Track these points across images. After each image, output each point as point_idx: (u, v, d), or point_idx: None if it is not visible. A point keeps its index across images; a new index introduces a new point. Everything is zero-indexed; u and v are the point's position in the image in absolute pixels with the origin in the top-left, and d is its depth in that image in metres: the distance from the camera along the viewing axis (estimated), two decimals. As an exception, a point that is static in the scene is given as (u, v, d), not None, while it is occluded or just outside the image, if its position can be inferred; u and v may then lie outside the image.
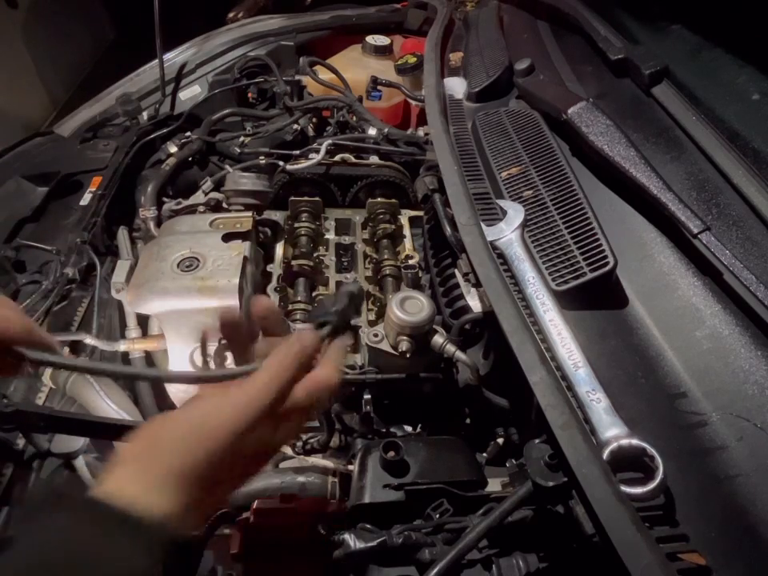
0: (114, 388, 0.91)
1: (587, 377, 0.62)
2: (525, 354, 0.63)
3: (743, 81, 0.85)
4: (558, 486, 0.60)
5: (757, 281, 0.63)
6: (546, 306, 0.70)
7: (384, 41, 1.76)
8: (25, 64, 3.31)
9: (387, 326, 0.86)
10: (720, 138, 0.78)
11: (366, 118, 1.38)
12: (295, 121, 1.44)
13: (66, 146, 1.38)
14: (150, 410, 0.94)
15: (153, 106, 1.52)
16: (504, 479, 0.85)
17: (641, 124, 0.91)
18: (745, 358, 0.62)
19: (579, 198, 0.81)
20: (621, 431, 0.57)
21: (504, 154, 0.96)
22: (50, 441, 0.81)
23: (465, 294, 0.89)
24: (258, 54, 1.70)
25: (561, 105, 0.94)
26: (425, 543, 0.67)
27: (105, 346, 0.95)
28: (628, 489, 0.53)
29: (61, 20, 3.70)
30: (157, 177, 1.23)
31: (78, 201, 1.16)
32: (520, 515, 0.68)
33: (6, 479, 0.78)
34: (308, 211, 1.18)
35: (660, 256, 0.75)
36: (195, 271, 0.91)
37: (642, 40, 1.08)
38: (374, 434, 0.90)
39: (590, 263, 0.72)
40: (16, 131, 2.45)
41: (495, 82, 1.20)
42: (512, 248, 0.79)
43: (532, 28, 1.41)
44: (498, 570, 0.67)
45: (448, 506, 0.71)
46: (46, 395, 0.91)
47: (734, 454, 0.57)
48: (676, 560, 0.50)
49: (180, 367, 0.95)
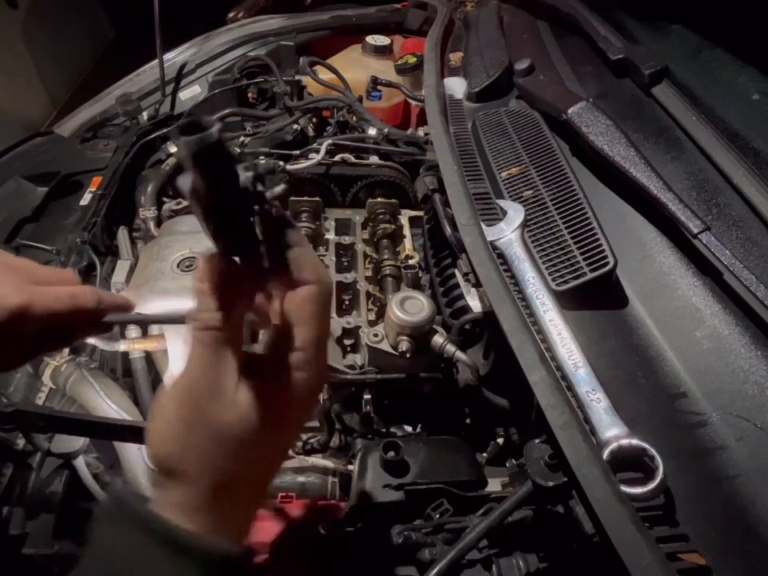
0: (114, 388, 0.90)
1: (587, 377, 0.62)
2: (525, 354, 0.63)
3: (743, 81, 0.85)
4: (558, 486, 0.60)
5: (757, 281, 0.63)
6: (546, 306, 0.70)
7: (384, 41, 1.76)
8: (25, 64, 3.31)
9: (387, 326, 0.86)
10: (720, 138, 0.78)
11: (365, 117, 1.38)
12: (295, 121, 1.43)
13: (66, 145, 1.38)
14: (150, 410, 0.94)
15: (153, 106, 1.52)
16: (504, 479, 0.85)
17: (641, 124, 0.91)
18: (745, 357, 0.62)
19: (579, 198, 0.82)
20: (621, 431, 0.57)
21: (504, 154, 0.96)
22: (49, 441, 0.81)
23: (465, 293, 0.89)
24: (258, 54, 1.69)
25: (561, 105, 0.94)
26: (425, 543, 0.67)
27: (105, 345, 0.95)
28: (628, 489, 0.53)
29: (61, 20, 3.71)
30: (157, 177, 1.23)
31: (77, 201, 1.16)
32: (520, 515, 0.68)
33: (6, 479, 0.78)
34: (308, 211, 1.18)
35: (660, 256, 0.75)
36: (195, 271, 0.91)
37: (642, 40, 1.08)
38: (373, 434, 0.90)
39: (589, 263, 0.72)
40: (16, 131, 2.45)
41: (495, 82, 1.20)
42: (512, 248, 0.79)
43: (532, 28, 1.41)
44: (498, 570, 0.67)
45: (448, 506, 0.71)
46: (45, 395, 0.91)
47: (734, 454, 0.57)
48: (676, 560, 0.50)
49: (179, 368, 0.95)
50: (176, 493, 0.37)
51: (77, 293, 0.47)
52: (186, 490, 0.37)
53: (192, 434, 0.37)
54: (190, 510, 0.37)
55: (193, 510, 0.37)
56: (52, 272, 0.50)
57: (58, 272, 0.51)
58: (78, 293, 0.47)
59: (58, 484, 0.82)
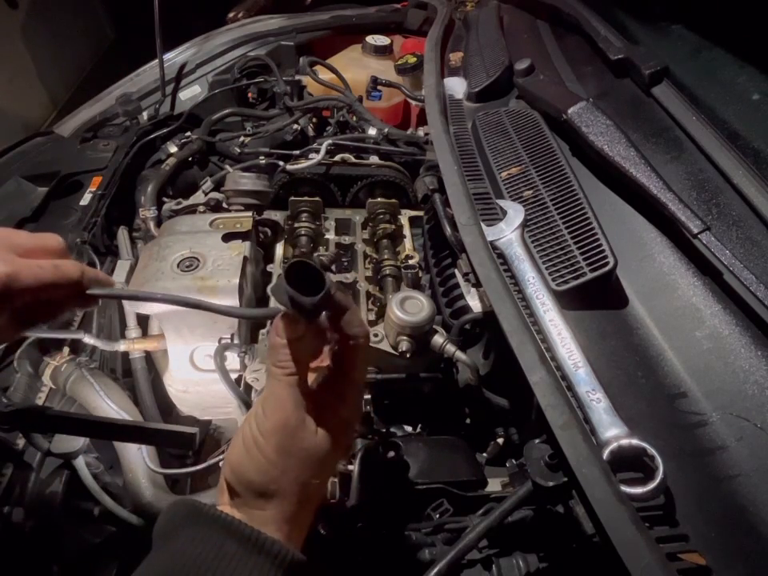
0: (114, 388, 0.91)
1: (587, 377, 0.62)
2: (525, 354, 0.63)
3: (743, 81, 0.85)
4: (558, 486, 0.60)
5: (757, 281, 0.63)
6: (546, 306, 0.70)
7: (384, 41, 1.76)
8: (25, 64, 3.32)
9: (387, 326, 0.86)
10: (720, 138, 0.78)
11: (366, 117, 1.38)
12: (295, 121, 1.44)
13: (66, 145, 1.38)
14: (150, 410, 0.94)
15: (153, 106, 1.52)
16: (504, 479, 0.85)
17: (641, 124, 0.91)
18: (745, 357, 0.62)
19: (579, 198, 0.82)
20: (621, 431, 0.57)
21: (504, 154, 0.96)
22: (49, 441, 0.81)
23: (465, 294, 0.89)
24: (258, 54, 1.70)
25: (561, 105, 0.94)
26: (425, 543, 0.67)
27: (105, 345, 0.95)
28: (628, 489, 0.53)
29: (61, 20, 3.71)
30: (157, 177, 1.23)
31: (78, 201, 1.16)
32: (520, 515, 0.68)
33: (6, 479, 0.78)
34: (308, 211, 1.18)
35: (660, 256, 0.75)
36: (195, 271, 0.91)
37: (642, 40, 1.08)
38: (373, 434, 0.90)
39: (589, 263, 0.72)
40: (16, 131, 2.46)
41: (495, 82, 1.20)
42: (512, 248, 0.79)
43: (532, 28, 1.41)
44: (498, 570, 0.67)
45: (448, 506, 0.71)
46: (45, 395, 0.91)
47: (734, 454, 0.57)
48: (676, 560, 0.50)
49: (179, 368, 0.95)
50: (269, 509, 0.45)
51: (61, 263, 0.48)
52: (280, 504, 0.45)
53: (288, 461, 0.45)
54: (283, 521, 0.45)
55: (282, 522, 0.45)
56: (34, 238, 0.51)
57: (40, 237, 0.51)
58: (62, 263, 0.48)
59: (58, 484, 0.82)
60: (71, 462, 0.83)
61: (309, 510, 0.48)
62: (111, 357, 1.01)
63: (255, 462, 0.45)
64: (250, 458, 0.46)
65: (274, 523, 0.45)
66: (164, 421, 0.95)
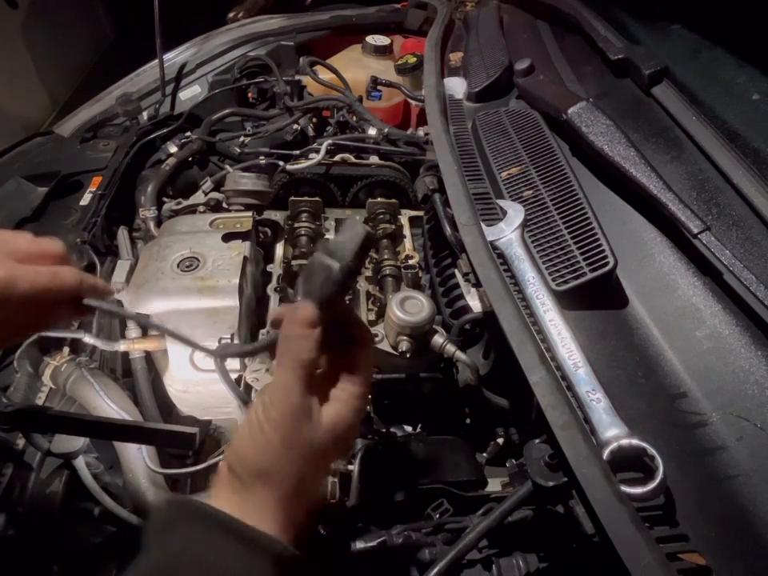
0: (114, 388, 0.90)
1: (587, 377, 0.62)
2: (525, 354, 0.63)
3: (743, 81, 0.85)
4: (558, 486, 0.60)
5: (757, 281, 0.63)
6: (546, 306, 0.70)
7: (384, 41, 1.76)
8: (25, 64, 3.32)
9: (387, 326, 0.86)
10: (720, 137, 0.78)
11: (366, 118, 1.38)
12: (295, 121, 1.43)
13: (66, 146, 1.38)
14: (150, 410, 0.94)
15: (153, 106, 1.52)
16: (504, 479, 0.85)
17: (641, 124, 0.91)
18: (745, 357, 0.62)
19: (579, 198, 0.82)
20: (621, 431, 0.57)
21: (504, 153, 0.96)
22: (49, 441, 0.81)
23: (465, 293, 0.89)
24: (258, 53, 1.69)
25: (561, 105, 0.94)
26: (425, 543, 0.67)
27: (105, 345, 0.95)
28: (628, 489, 0.53)
29: (61, 20, 3.71)
30: (157, 177, 1.23)
31: (78, 201, 1.16)
32: (520, 515, 0.68)
33: (6, 479, 0.77)
34: (308, 211, 1.18)
35: (660, 256, 0.75)
36: (195, 271, 0.91)
37: (642, 40, 1.08)
38: (374, 434, 0.90)
39: (589, 263, 0.72)
40: (16, 131, 2.46)
41: (495, 82, 1.20)
42: (512, 248, 0.79)
43: (532, 28, 1.41)
44: (498, 570, 0.67)
45: (448, 506, 0.71)
46: (45, 395, 0.91)
47: (734, 454, 0.57)
48: (676, 560, 0.50)
49: (179, 368, 0.95)
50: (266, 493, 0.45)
51: (59, 270, 0.48)
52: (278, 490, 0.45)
53: (290, 449, 0.46)
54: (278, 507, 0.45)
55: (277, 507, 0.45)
56: (34, 243, 0.50)
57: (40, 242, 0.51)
58: (60, 270, 0.49)
59: (58, 484, 0.82)
60: (71, 461, 0.83)
61: (305, 500, 0.48)
62: (111, 357, 1.01)
63: (258, 446, 0.46)
64: (253, 442, 0.46)
65: (269, 509, 0.45)
66: (164, 421, 0.94)
